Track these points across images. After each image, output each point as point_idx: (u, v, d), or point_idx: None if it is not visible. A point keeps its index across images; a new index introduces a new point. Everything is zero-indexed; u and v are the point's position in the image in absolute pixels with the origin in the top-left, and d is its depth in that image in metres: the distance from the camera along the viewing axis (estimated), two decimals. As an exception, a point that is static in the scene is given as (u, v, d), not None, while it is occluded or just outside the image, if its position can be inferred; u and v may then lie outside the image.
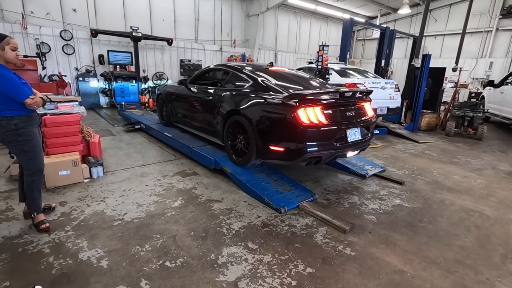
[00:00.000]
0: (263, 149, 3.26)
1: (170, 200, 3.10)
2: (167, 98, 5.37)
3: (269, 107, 3.18)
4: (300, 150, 2.99)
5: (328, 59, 6.40)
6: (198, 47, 11.90)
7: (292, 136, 3.00)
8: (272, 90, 3.37)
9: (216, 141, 4.14)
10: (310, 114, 2.96)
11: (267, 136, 3.19)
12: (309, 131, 2.92)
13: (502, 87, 7.96)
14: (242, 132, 3.56)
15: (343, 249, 2.37)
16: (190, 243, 2.36)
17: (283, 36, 14.93)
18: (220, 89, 4.05)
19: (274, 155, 3.20)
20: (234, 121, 3.63)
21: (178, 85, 5.05)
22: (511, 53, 12.89)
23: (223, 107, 3.80)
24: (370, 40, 18.07)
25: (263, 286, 1.92)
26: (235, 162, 3.69)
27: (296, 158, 3.05)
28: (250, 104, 3.38)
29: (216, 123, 4.01)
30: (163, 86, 5.81)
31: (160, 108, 5.83)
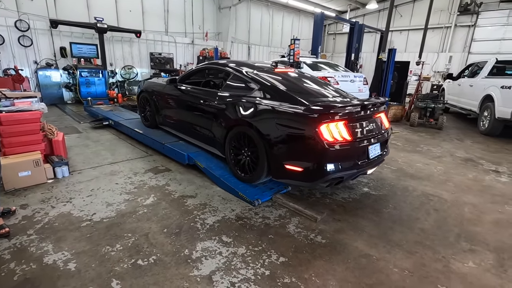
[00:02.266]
0: (276, 167, 2.86)
1: (142, 198, 3.03)
2: (152, 97, 4.74)
3: (286, 120, 2.73)
4: (322, 171, 2.62)
5: (299, 52, 6.49)
6: (169, 39, 11.54)
7: (312, 155, 2.62)
8: (287, 100, 2.88)
9: (214, 151, 3.70)
10: (333, 130, 2.58)
11: (282, 153, 2.78)
12: (332, 150, 2.55)
13: (459, 79, 8.54)
14: (248, 145, 3.12)
15: (314, 237, 2.46)
16: (163, 240, 2.34)
17: (256, 29, 14.88)
18: (220, 93, 3.52)
19: (290, 175, 2.79)
20: (239, 132, 3.18)
21: (166, 84, 4.45)
22: (468, 47, 13.84)
23: (225, 115, 3.31)
24: (340, 34, 18.54)
25: (237, 278, 1.96)
26: (241, 178, 3.25)
27: (316, 180, 2.69)
28: (261, 115, 2.93)
29: (214, 132, 3.56)
30: (145, 83, 5.14)
31: (142, 108, 5.18)
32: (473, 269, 2.17)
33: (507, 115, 5.87)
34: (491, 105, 6.39)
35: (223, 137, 3.38)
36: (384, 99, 3.14)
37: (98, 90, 8.97)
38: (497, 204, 3.25)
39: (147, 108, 5.01)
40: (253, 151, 3.07)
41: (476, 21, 13.44)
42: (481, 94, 6.89)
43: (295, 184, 2.94)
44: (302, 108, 2.68)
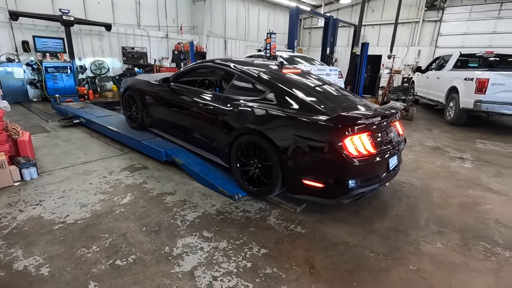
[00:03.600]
0: (292, 182, 2.62)
1: (118, 197, 2.94)
2: (139, 96, 4.29)
3: (305, 131, 2.47)
4: (346, 187, 2.43)
5: (276, 46, 6.52)
6: (142, 33, 11.14)
7: (335, 170, 2.42)
8: (304, 107, 2.62)
9: (216, 159, 3.33)
10: (357, 143, 2.39)
11: (300, 167, 2.53)
12: (357, 165, 2.35)
13: (427, 72, 8.97)
14: (259, 156, 2.82)
15: (294, 228, 2.52)
16: (143, 239, 2.29)
17: (232, 23, 14.72)
18: (225, 96, 3.18)
19: (309, 191, 2.56)
20: (248, 141, 2.87)
21: (157, 83, 4.02)
22: (435, 42, 14.54)
23: (231, 121, 2.99)
24: (316, 29, 18.78)
25: (219, 272, 1.97)
26: (250, 193, 2.98)
27: (339, 196, 2.51)
28: (276, 123, 2.64)
29: (216, 139, 3.23)
30: (130, 80, 4.66)
31: (127, 107, 4.68)
32: (441, 249, 2.32)
33: (470, 105, 6.26)
34: (456, 96, 6.79)
35: (228, 145, 3.05)
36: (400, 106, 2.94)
37: (66, 86, 8.50)
38: (461, 189, 3.49)
39: (134, 108, 4.55)
40: (264, 163, 2.77)
41: (442, 16, 14.14)
42: (447, 86, 7.28)
43: (314, 200, 2.66)
44: (324, 118, 2.43)
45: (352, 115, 2.56)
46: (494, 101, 5.95)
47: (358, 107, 2.87)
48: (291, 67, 3.84)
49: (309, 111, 2.55)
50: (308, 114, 2.53)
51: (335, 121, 2.39)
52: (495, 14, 12.76)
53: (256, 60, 3.89)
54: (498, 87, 5.89)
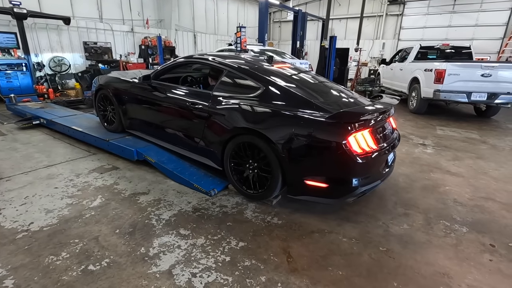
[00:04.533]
0: (294, 183, 2.52)
1: (87, 200, 2.80)
2: (116, 95, 3.94)
3: (305, 130, 2.35)
4: (350, 186, 2.38)
5: (246, 40, 6.49)
6: (105, 27, 10.57)
7: (339, 168, 2.37)
8: (302, 104, 2.50)
9: (207, 162, 3.13)
10: (360, 140, 2.33)
11: (301, 167, 2.45)
12: (361, 162, 2.29)
13: (391, 64, 9.42)
14: (255, 157, 2.69)
15: (271, 220, 2.57)
16: (116, 241, 2.22)
17: (201, 16, 14.41)
18: (214, 94, 2.97)
19: (311, 192, 2.48)
20: (243, 142, 2.71)
21: (135, 81, 3.75)
22: (397, 35, 15.27)
23: (223, 121, 2.81)
24: (285, 22, 18.92)
25: (198, 268, 1.96)
26: (248, 196, 2.84)
27: (344, 196, 2.46)
28: (274, 122, 2.51)
29: (207, 140, 3.04)
30: (103, 77, 4.26)
31: (101, 108, 4.30)
32: (407, 230, 2.49)
33: (430, 95, 6.69)
34: (418, 86, 7.21)
35: (221, 147, 2.88)
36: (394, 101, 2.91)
37: (22, 85, 7.86)
38: (424, 173, 3.74)
39: (109, 109, 4.18)
40: (262, 165, 2.65)
41: (403, 10, 14.86)
42: (409, 76, 7.71)
43: (316, 201, 2.59)
44: (325, 115, 2.33)
45: (354, 111, 2.47)
46: (451, 90, 6.41)
47: (355, 103, 2.79)
48: (280, 61, 3.68)
49: (308, 108, 2.44)
50: (308, 111, 2.42)
51: (338, 118, 2.29)
52: (449, 8, 13.65)
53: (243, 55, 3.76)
54: (454, 77, 6.34)
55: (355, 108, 2.58)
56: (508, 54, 12.43)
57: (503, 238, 2.41)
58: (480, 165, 4.06)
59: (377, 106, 2.65)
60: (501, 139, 5.43)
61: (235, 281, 1.86)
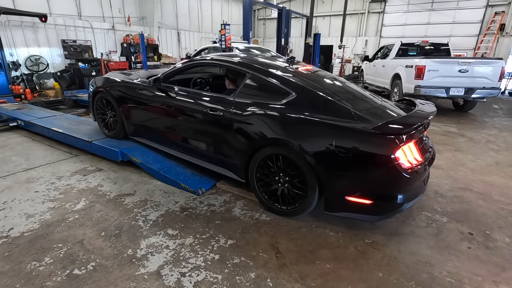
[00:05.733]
0: (333, 199, 2.30)
1: (70, 203, 2.73)
2: (118, 100, 3.60)
3: (349, 142, 2.13)
4: (396, 202, 2.20)
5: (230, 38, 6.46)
6: (84, 25, 10.24)
7: (387, 184, 2.19)
8: (342, 114, 2.28)
9: (228, 173, 2.87)
10: (408, 153, 2.17)
11: (343, 182, 2.25)
12: (409, 177, 2.12)
13: (374, 61, 9.63)
14: (287, 170, 2.44)
15: (259, 217, 2.58)
16: (102, 244, 2.17)
17: (184, 14, 14.20)
18: (237, 100, 2.68)
19: (353, 209, 2.26)
20: (272, 153, 2.47)
21: (141, 84, 3.43)
22: (379, 32, 15.59)
23: (250, 131, 2.54)
24: (270, 20, 18.93)
25: (187, 268, 1.95)
26: (278, 212, 2.59)
27: (389, 212, 2.28)
28: (311, 133, 2.28)
29: (227, 150, 2.78)
30: (101, 79, 3.90)
31: (100, 112, 3.96)
32: (391, 222, 2.56)
33: (411, 90, 6.88)
34: (399, 82, 7.40)
35: (245, 158, 2.63)
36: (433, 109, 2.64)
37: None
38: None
39: (109, 114, 3.86)
40: (295, 179, 2.41)
41: (384, 8, 15.17)
42: (391, 73, 7.90)
43: (357, 218, 2.37)
44: (369, 126, 2.13)
45: (402, 122, 2.26)
46: (431, 86, 6.62)
47: (393, 111, 2.56)
48: (301, 63, 3.37)
49: (347, 117, 2.24)
50: (347, 120, 2.22)
51: (385, 129, 2.11)
52: (428, 6, 14.05)
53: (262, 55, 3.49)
54: (433, 73, 6.55)
55: (401, 118, 2.34)
56: (483, 50, 12.96)
57: (480, 226, 2.53)
58: (459, 157, 4.23)
59: (420, 116, 2.40)
60: (477, 132, 5.66)
61: (225, 279, 1.87)
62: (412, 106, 2.82)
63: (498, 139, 5.11)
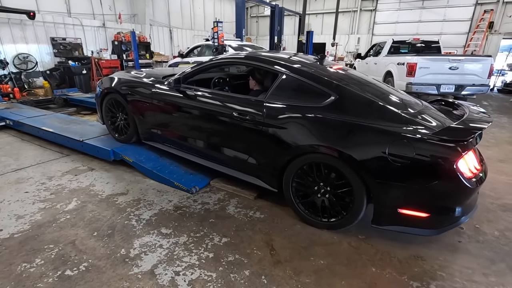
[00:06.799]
0: (384, 212, 2.11)
1: (62, 204, 2.69)
2: (132, 102, 3.36)
3: (404, 149, 1.94)
4: (454, 215, 2.03)
5: (223, 35, 6.42)
6: (74, 22, 10.06)
7: (447, 195, 1.99)
8: (392, 117, 2.10)
9: (257, 182, 2.67)
10: (469, 161, 1.98)
11: (396, 193, 2.03)
12: (471, 188, 1.96)
13: (366, 58, 9.70)
14: (328, 180, 2.26)
15: (253, 214, 2.58)
16: (95, 244, 2.15)
17: (176, 11, 14.07)
18: (269, 104, 2.47)
19: (407, 222, 2.07)
20: (313, 162, 2.29)
21: (157, 84, 3.21)
22: (371, 30, 15.70)
23: (286, 137, 2.34)
24: (263, 17, 18.90)
25: (181, 266, 1.95)
26: (318, 225, 2.39)
27: (447, 226, 2.07)
28: (360, 139, 2.09)
29: (259, 157, 2.59)
30: (109, 80, 3.64)
31: (110, 115, 3.73)
32: (384, 217, 2.58)
33: (403, 87, 6.95)
34: (391, 79, 7.48)
35: (280, 166, 2.43)
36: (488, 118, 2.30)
37: (-16, 85, 7.35)
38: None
39: (120, 117, 3.64)
40: (339, 190, 2.24)
41: (376, 6, 15.27)
42: (383, 70, 7.97)
43: (410, 232, 2.12)
44: (426, 132, 1.95)
45: (463, 127, 2.05)
46: (422, 83, 6.70)
47: (439, 114, 2.36)
48: (330, 62, 3.18)
49: (398, 121, 2.05)
50: (399, 125, 2.02)
51: (449, 136, 1.92)
52: (419, 4, 14.20)
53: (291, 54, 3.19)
54: (424, 70, 6.63)
55: (461, 124, 2.11)
56: (473, 48, 13.17)
57: (471, 220, 2.56)
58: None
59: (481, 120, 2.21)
60: (468, 128, 5.75)
61: (219, 277, 1.87)
62: (449, 107, 2.67)
63: (488, 135, 5.20)
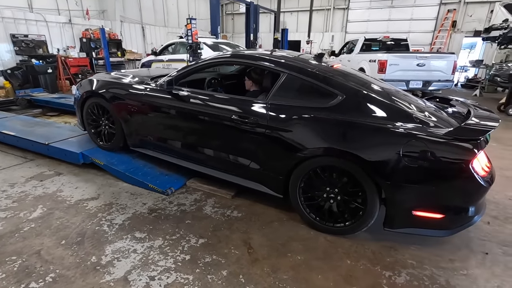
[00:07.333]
0: (397, 214, 2.06)
1: (25, 212, 2.52)
2: (118, 106, 3.11)
3: (418, 149, 1.89)
4: (467, 215, 2.02)
5: (197, 33, 6.31)
6: (36, 18, 9.44)
7: (462, 195, 1.99)
8: (402, 117, 2.05)
9: (261, 188, 2.54)
10: (481, 160, 1.97)
11: (411, 195, 1.99)
12: (485, 186, 1.94)
13: (340, 56, 9.94)
14: (338, 183, 2.19)
15: (231, 213, 2.56)
16: (62, 253, 2.03)
17: (148, 7, 13.62)
18: (271, 104, 2.36)
19: (421, 223, 2.04)
20: (322, 165, 2.21)
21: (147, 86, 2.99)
22: (345, 28, 16.09)
23: (292, 139, 2.23)
24: (238, 15, 18.77)
25: (156, 271, 1.89)
26: (327, 230, 2.31)
27: (461, 226, 2.06)
28: (372, 141, 2.02)
29: (263, 163, 2.46)
30: (90, 83, 3.36)
31: (93, 121, 3.43)
32: (358, 210, 2.66)
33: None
34: (364, 76, 7.71)
35: (285, 171, 2.34)
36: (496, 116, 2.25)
37: None
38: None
39: (104, 123, 3.35)
40: (349, 194, 2.18)
41: (348, 4, 15.65)
42: (356, 67, 8.19)
43: (424, 234, 2.11)
44: (438, 131, 1.92)
45: (475, 126, 2.00)
46: (392, 79, 6.97)
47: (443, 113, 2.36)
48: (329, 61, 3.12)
49: (410, 121, 2.01)
50: (412, 125, 1.99)
51: (463, 135, 1.88)
52: (389, 3, 14.73)
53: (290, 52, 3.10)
54: (394, 67, 6.91)
55: (473, 123, 2.06)
56: (438, 45, 13.88)
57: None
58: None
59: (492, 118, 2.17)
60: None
61: (196, 279, 1.83)
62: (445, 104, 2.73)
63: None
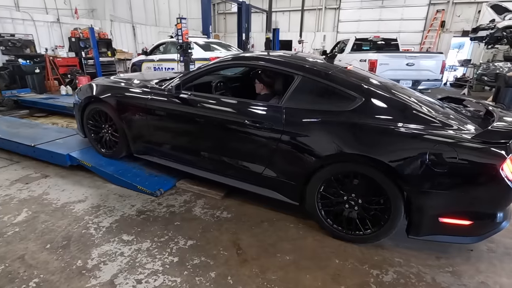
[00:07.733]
0: (422, 221, 1.98)
1: (9, 216, 2.46)
2: (121, 112, 2.99)
3: (445, 155, 1.82)
4: (495, 221, 1.94)
5: (188, 32, 6.26)
6: (23, 17, 9.24)
7: (492, 201, 1.91)
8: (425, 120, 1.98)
9: (275, 195, 2.45)
10: (510, 164, 1.85)
11: (437, 202, 1.92)
12: None
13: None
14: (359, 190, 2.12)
15: (220, 214, 2.55)
16: (47, 258, 1.99)
17: (139, 6, 13.47)
18: (286, 108, 2.27)
19: (447, 230, 1.98)
20: (343, 171, 2.14)
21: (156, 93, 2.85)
22: (336, 27, 16.20)
23: (308, 145, 2.16)
24: (230, 14, 18.71)
25: (143, 274, 1.87)
26: (346, 238, 2.23)
27: (489, 232, 1.97)
28: (398, 146, 1.94)
29: (279, 169, 2.37)
30: (90, 88, 3.24)
31: (94, 127, 3.32)
32: (347, 209, 2.68)
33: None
34: (355, 76, 7.76)
35: (302, 178, 2.25)
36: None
37: None
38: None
39: (107, 130, 3.24)
40: (371, 200, 2.10)
41: (340, 4, 15.75)
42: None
43: (450, 241, 2.08)
44: (467, 136, 1.84)
45: (503, 129, 1.91)
46: (383, 79, 7.04)
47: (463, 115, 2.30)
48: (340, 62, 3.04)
49: (432, 124, 1.95)
50: (436, 129, 1.92)
51: (491, 138, 1.82)
52: (379, 3, 14.87)
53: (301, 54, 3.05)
54: (384, 66, 6.97)
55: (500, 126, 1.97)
56: (428, 45, 14.08)
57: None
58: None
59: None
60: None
61: (184, 281, 1.82)
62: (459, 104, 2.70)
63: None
